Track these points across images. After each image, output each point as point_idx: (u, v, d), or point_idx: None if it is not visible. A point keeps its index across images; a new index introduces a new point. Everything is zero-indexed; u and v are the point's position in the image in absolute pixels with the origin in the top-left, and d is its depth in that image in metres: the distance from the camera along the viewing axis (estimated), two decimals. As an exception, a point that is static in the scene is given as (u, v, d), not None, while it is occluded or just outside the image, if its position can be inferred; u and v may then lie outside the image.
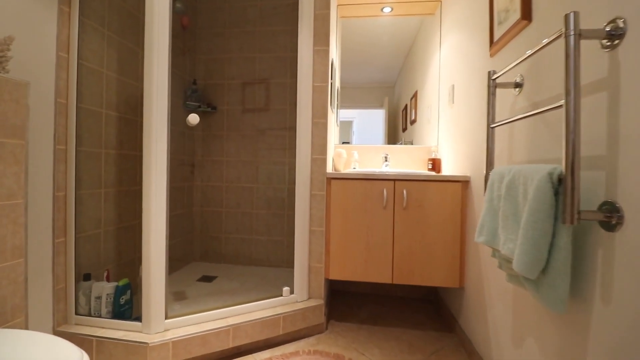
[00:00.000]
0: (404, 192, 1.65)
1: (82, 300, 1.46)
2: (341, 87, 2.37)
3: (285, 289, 1.68)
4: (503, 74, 1.07)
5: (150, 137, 1.36)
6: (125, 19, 1.79)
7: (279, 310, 1.60)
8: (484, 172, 1.33)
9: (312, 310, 1.66)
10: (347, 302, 2.12)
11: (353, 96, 2.37)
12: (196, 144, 2.57)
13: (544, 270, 0.80)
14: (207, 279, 2.20)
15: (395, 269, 1.67)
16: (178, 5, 2.03)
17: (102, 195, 1.66)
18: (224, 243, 2.56)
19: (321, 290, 1.72)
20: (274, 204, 2.50)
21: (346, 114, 2.38)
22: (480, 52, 1.48)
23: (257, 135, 2.51)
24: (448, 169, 1.95)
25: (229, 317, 1.52)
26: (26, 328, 1.13)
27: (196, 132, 2.56)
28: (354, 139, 2.38)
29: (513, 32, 1.15)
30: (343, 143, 2.37)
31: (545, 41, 0.82)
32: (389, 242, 1.67)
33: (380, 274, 1.68)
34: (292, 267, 1.71)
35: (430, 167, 2.08)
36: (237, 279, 2.20)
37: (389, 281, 1.67)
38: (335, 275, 1.72)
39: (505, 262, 0.99)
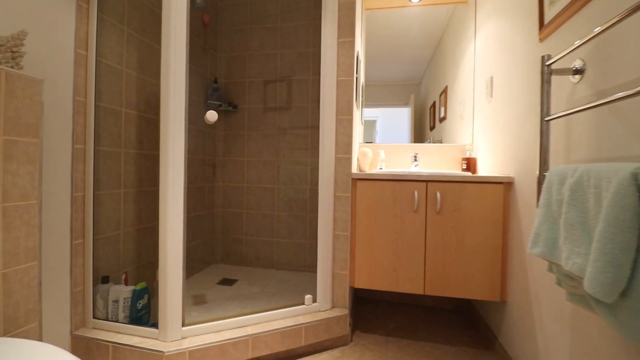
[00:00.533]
0: (438, 194, 1.50)
1: (100, 303, 1.43)
2: (365, 85, 2.24)
3: (308, 297, 1.58)
4: (562, 57, 0.92)
5: (167, 136, 1.30)
6: (145, 16, 1.76)
7: (301, 319, 1.50)
8: (536, 172, 1.17)
9: (335, 320, 1.55)
10: (372, 311, 1.99)
11: (377, 94, 2.24)
12: (217, 143, 2.52)
13: (625, 293, 0.64)
14: (228, 282, 2.14)
15: (428, 278, 1.52)
16: (198, 0, 1.98)
17: (122, 195, 1.62)
18: (244, 245, 2.49)
19: (346, 299, 1.60)
20: (295, 205, 2.41)
21: (369, 113, 2.25)
22: (525, 38, 1.32)
23: (278, 135, 2.43)
24: (485, 169, 1.78)
25: (248, 325, 1.44)
26: (40, 333, 1.09)
27: (217, 132, 2.51)
28: (377, 138, 2.24)
29: (570, 10, 1.00)
30: (366, 143, 2.24)
31: (618, 16, 0.67)
32: (421, 249, 1.53)
33: (410, 284, 1.54)
34: (314, 271, 1.60)
35: (464, 167, 1.91)
36: (257, 282, 2.13)
37: (420, 292, 1.53)
38: (360, 284, 1.60)
39: (566, 278, 0.84)
